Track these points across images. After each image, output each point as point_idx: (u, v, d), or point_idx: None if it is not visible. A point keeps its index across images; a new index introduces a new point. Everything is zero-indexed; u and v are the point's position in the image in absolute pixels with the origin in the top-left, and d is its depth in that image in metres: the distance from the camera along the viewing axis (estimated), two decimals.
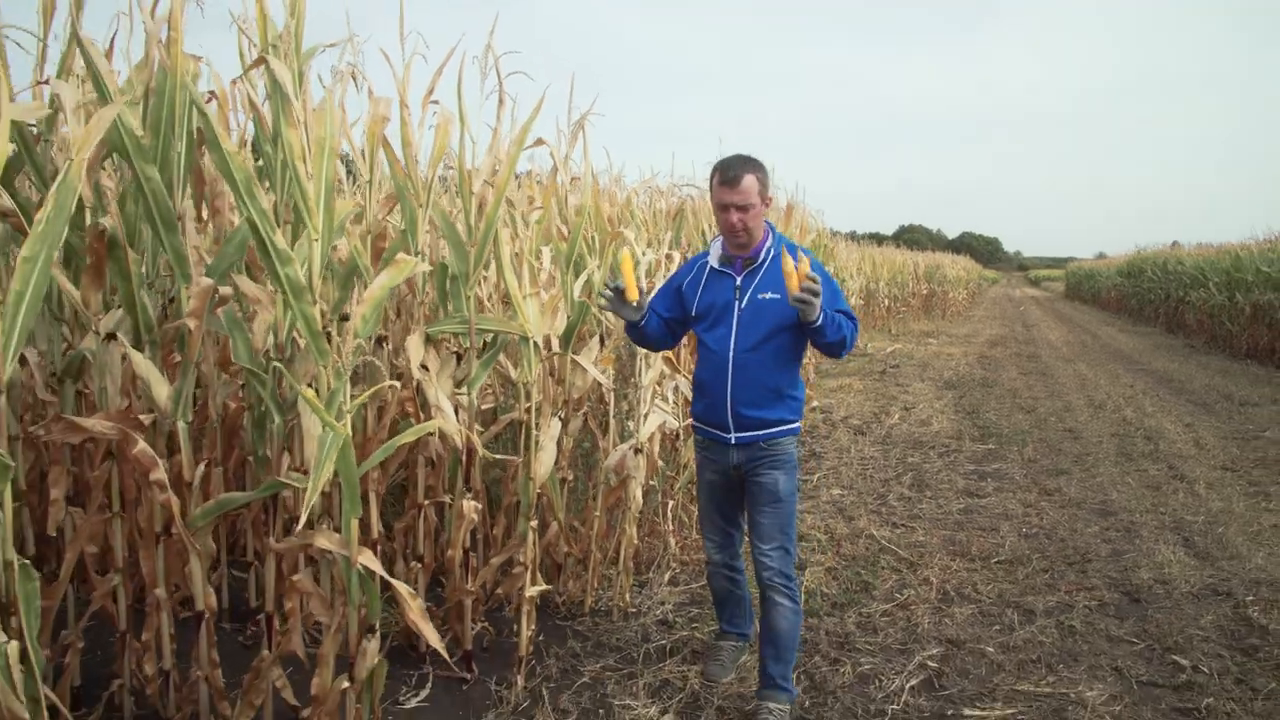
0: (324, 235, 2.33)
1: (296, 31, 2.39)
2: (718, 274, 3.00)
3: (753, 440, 2.92)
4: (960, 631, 3.70)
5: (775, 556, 2.93)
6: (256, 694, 2.62)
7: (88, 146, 1.90)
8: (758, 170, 2.85)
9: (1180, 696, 3.15)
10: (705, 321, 3.00)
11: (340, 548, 2.33)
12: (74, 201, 1.88)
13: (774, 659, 2.94)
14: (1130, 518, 5.33)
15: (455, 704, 3.05)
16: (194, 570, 2.63)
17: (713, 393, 2.95)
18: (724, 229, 2.91)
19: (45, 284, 1.83)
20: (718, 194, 2.87)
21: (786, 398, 2.96)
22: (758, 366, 2.88)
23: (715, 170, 2.88)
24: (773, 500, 2.93)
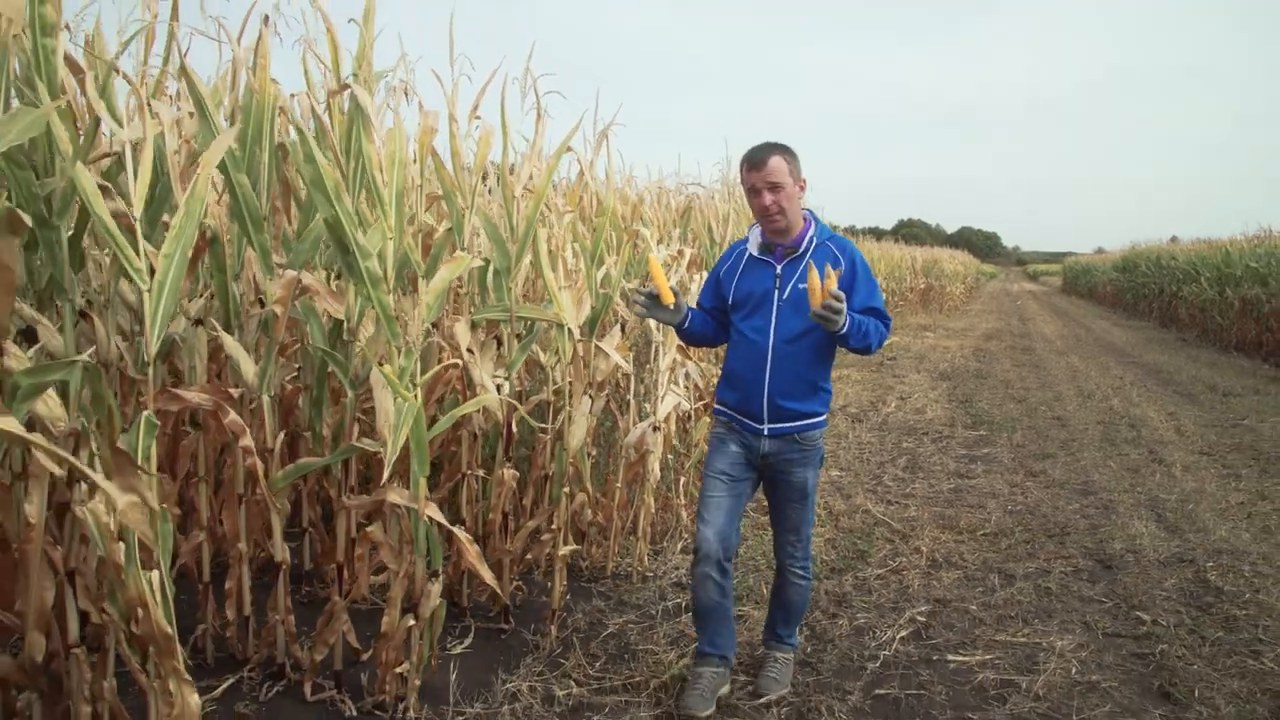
0: (396, 234, 2.71)
1: (368, 58, 2.76)
2: (757, 261, 2.98)
3: (786, 432, 2.92)
4: (947, 592, 4.09)
5: (800, 547, 3.08)
6: (330, 634, 3.01)
7: (210, 165, 2.27)
8: (785, 152, 2.85)
9: (1139, 645, 3.54)
10: (742, 310, 2.97)
11: (410, 502, 2.71)
12: (202, 210, 2.26)
13: (783, 621, 3.19)
14: (1109, 496, 5.72)
15: (496, 650, 3.43)
16: (274, 526, 3.02)
17: (748, 384, 2.92)
18: (758, 213, 2.90)
19: (181, 276, 2.21)
20: (747, 179, 2.88)
21: (821, 390, 2.97)
22: (796, 358, 2.87)
23: (743, 159, 2.90)
24: (801, 496, 3.01)
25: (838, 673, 3.30)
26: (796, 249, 2.92)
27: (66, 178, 2.27)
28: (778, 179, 2.82)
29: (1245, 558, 4.49)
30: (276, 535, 3.02)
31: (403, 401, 2.61)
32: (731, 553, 3.02)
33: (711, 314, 3.11)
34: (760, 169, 2.82)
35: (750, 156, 2.86)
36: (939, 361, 13.16)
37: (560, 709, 3.00)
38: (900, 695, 3.13)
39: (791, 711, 3.00)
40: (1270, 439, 7.52)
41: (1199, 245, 20.93)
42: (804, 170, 2.94)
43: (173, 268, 2.20)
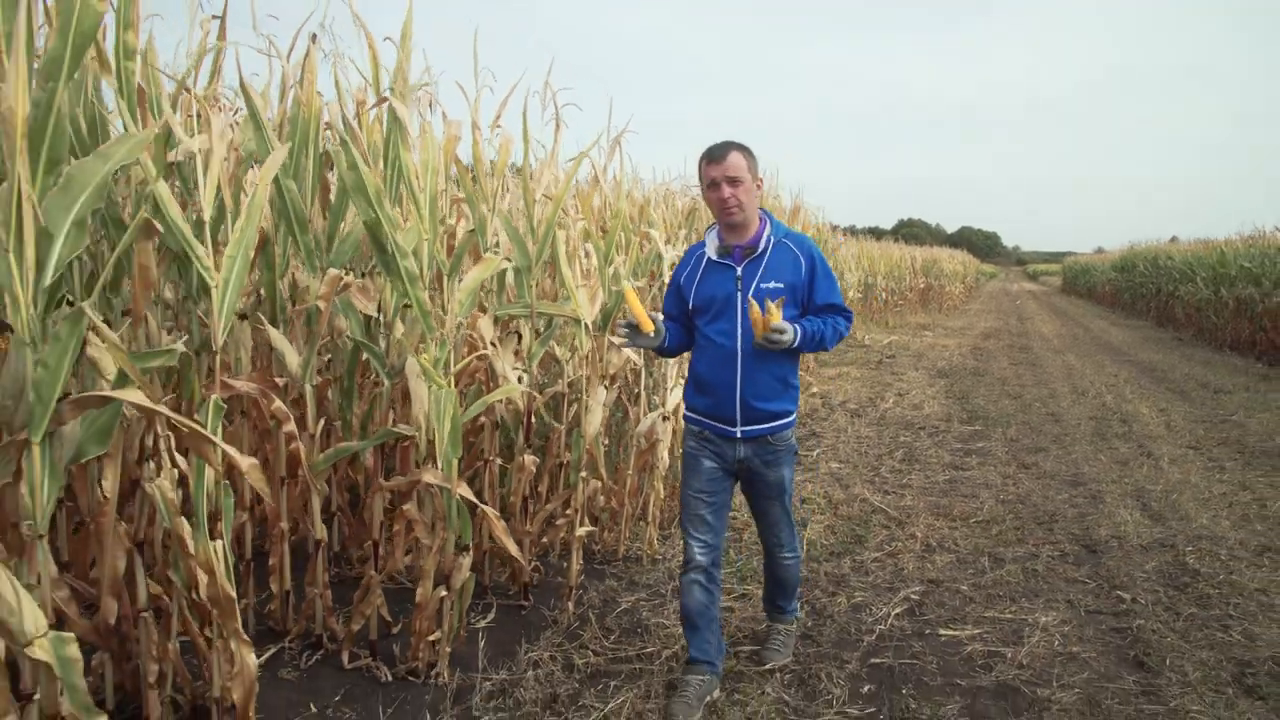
0: (431, 235, 2.95)
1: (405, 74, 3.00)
2: (716, 265, 2.99)
3: (760, 434, 2.95)
4: (939, 574, 4.33)
5: (785, 535, 3.22)
6: (367, 606, 3.25)
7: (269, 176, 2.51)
8: (744, 151, 2.91)
9: (1118, 620, 3.78)
10: (706, 315, 2.98)
11: (443, 482, 2.95)
12: (261, 214, 2.50)
13: (781, 595, 3.36)
14: (1097, 487, 5.96)
15: (517, 625, 3.67)
16: (314, 506, 3.26)
17: (719, 388, 2.94)
18: (716, 206, 2.92)
19: (245, 273, 2.45)
20: (706, 172, 2.91)
21: (791, 387, 3.02)
22: (767, 358, 2.89)
23: (702, 156, 2.93)
24: (779, 493, 3.11)
25: (836, 644, 3.54)
26: (755, 248, 2.94)
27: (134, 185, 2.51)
28: (736, 174, 2.86)
29: (1223, 543, 4.73)
30: (315, 514, 3.26)
31: (437, 389, 2.86)
32: (719, 559, 3.08)
33: (679, 320, 3.13)
34: (720, 163, 2.87)
35: (710, 152, 2.91)
36: (937, 359, 13.39)
37: (579, 676, 3.24)
38: (894, 664, 3.37)
39: (794, 678, 3.25)
40: (1256, 434, 7.76)
41: (1195, 245, 21.17)
42: (802, 174, 3.18)
43: (236, 265, 2.43)
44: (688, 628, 3.08)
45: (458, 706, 2.98)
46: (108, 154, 1.92)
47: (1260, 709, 3.01)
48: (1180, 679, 3.22)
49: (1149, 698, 3.10)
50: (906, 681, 3.24)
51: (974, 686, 3.21)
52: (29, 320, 1.62)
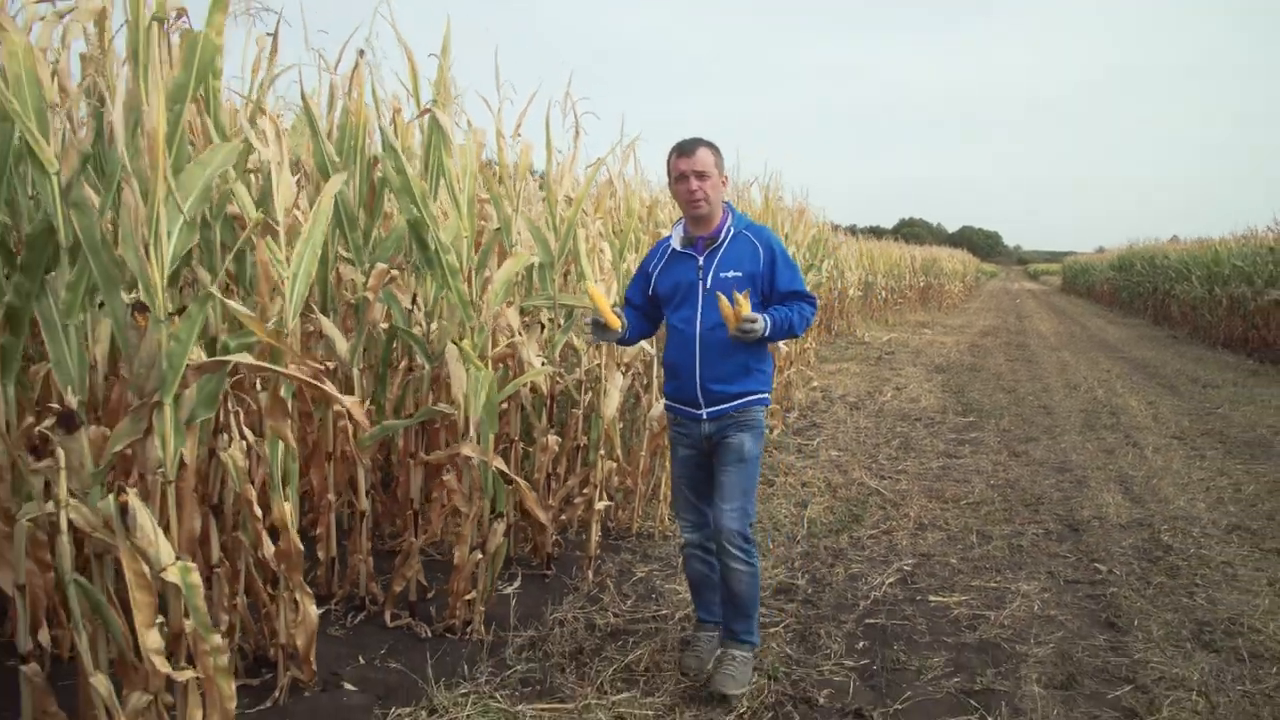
0: (469, 233, 3.28)
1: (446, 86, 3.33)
2: (680, 255, 3.12)
3: (724, 413, 3.05)
4: (931, 549, 4.66)
5: (734, 516, 3.03)
6: (408, 569, 3.58)
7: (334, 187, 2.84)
8: (712, 147, 3.05)
9: (1094, 588, 4.11)
10: (671, 303, 3.12)
11: (480, 454, 3.28)
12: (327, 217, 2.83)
13: (735, 616, 3.15)
14: (1083, 473, 6.29)
15: (541, 591, 4.00)
16: (359, 479, 3.59)
17: (682, 372, 3.08)
18: (684, 199, 3.04)
19: (312, 268, 2.77)
20: (675, 166, 3.03)
21: (755, 371, 3.08)
22: (724, 343, 2.98)
23: (673, 149, 3.06)
24: (737, 460, 3.05)
25: (834, 608, 3.86)
26: (715, 239, 3.08)
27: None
28: (704, 168, 2.99)
29: (1197, 523, 5.06)
30: (360, 487, 3.59)
31: (476, 371, 3.19)
32: (712, 531, 3.14)
33: (640, 310, 3.26)
34: (690, 157, 2.99)
35: (680, 146, 3.04)
36: (935, 356, 13.72)
37: (600, 634, 3.56)
38: (887, 624, 3.70)
39: (795, 635, 3.57)
40: (1239, 425, 8.08)
41: (1190, 245, 21.48)
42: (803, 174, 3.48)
43: (305, 259, 2.77)
44: (693, 593, 3.38)
45: (493, 658, 3.31)
46: (207, 161, 2.24)
47: (1213, 660, 3.33)
48: (1145, 636, 3.55)
49: (1115, 652, 3.43)
50: (898, 639, 3.57)
51: (959, 643, 3.53)
52: (163, 302, 1.95)
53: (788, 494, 5.61)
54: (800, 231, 9.06)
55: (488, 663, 3.27)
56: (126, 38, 2.00)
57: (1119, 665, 3.31)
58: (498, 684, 3.10)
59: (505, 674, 3.18)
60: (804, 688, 3.12)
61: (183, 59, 2.03)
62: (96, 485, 2.10)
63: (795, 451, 6.84)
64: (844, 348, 14.09)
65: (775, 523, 4.99)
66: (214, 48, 2.07)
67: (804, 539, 4.76)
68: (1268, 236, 15.43)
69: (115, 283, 2.06)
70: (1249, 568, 4.31)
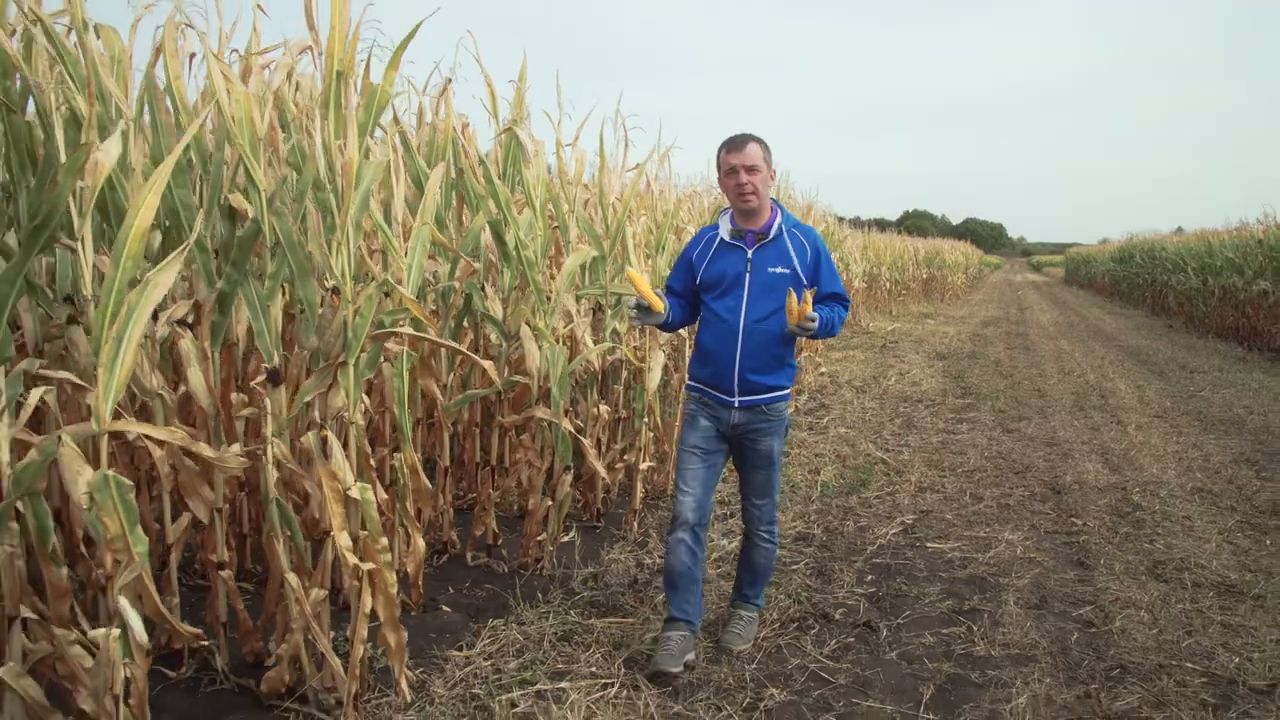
0: (543, 232, 3.93)
1: (524, 107, 3.98)
2: (728, 246, 3.21)
3: (755, 404, 3.17)
4: (929, 507, 5.32)
5: (765, 508, 3.34)
6: (487, 517, 4.25)
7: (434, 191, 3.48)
8: (761, 143, 3.15)
9: (1069, 537, 4.77)
10: (714, 291, 3.20)
11: (552, 416, 3.94)
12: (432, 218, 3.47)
13: (750, 583, 3.45)
14: (1069, 446, 6.94)
15: (593, 539, 4.66)
16: (444, 441, 4.25)
17: (720, 360, 3.16)
18: (733, 193, 3.14)
19: (423, 261, 3.42)
20: (725, 160, 3.13)
21: (787, 365, 3.22)
22: (765, 336, 3.11)
23: (722, 145, 3.17)
24: (768, 464, 3.26)
25: (845, 552, 4.53)
26: (766, 234, 3.18)
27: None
28: (754, 162, 3.09)
29: (1165, 486, 5.71)
30: (445, 446, 4.25)
31: (550, 347, 3.85)
32: (706, 520, 3.30)
33: (683, 296, 3.35)
34: (740, 151, 3.10)
35: (731, 141, 3.15)
36: (937, 344, 14.35)
37: (649, 570, 4.22)
38: (890, 563, 4.36)
39: (813, 571, 4.24)
40: (1218, 405, 8.73)
41: (1186, 237, 22.06)
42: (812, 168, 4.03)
43: (418, 252, 3.41)
44: (669, 588, 3.27)
45: (562, 588, 3.97)
46: (362, 177, 2.89)
47: (1163, 588, 3.99)
48: (1108, 572, 4.21)
49: (1082, 583, 4.09)
50: (900, 574, 4.23)
51: (951, 577, 4.19)
52: (350, 290, 2.61)
53: (802, 464, 6.27)
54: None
55: (559, 590, 3.93)
56: (321, 88, 2.66)
57: (1084, 592, 3.97)
58: (569, 605, 3.77)
59: (574, 599, 3.85)
60: (822, 607, 3.79)
61: (364, 104, 2.68)
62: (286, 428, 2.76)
63: (807, 429, 7.50)
64: (849, 336, 14.72)
65: (792, 486, 5.65)
66: (387, 96, 2.72)
67: (818, 499, 5.42)
68: (1258, 230, 16.01)
69: (307, 273, 2.71)
70: (1204, 521, 4.97)
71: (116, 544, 1.99)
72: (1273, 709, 2.95)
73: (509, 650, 3.33)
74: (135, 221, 1.93)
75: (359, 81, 2.78)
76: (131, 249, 1.93)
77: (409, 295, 2.78)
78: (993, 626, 3.61)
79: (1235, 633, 3.52)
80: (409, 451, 3.29)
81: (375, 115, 2.72)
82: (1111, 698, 3.02)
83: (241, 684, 3.01)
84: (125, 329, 1.99)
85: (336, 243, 2.58)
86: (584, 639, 3.43)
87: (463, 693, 3.01)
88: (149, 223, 1.96)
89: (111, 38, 2.78)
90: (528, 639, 3.41)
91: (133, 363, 2.03)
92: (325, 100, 2.59)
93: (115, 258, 1.94)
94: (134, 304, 1.99)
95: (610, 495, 5.38)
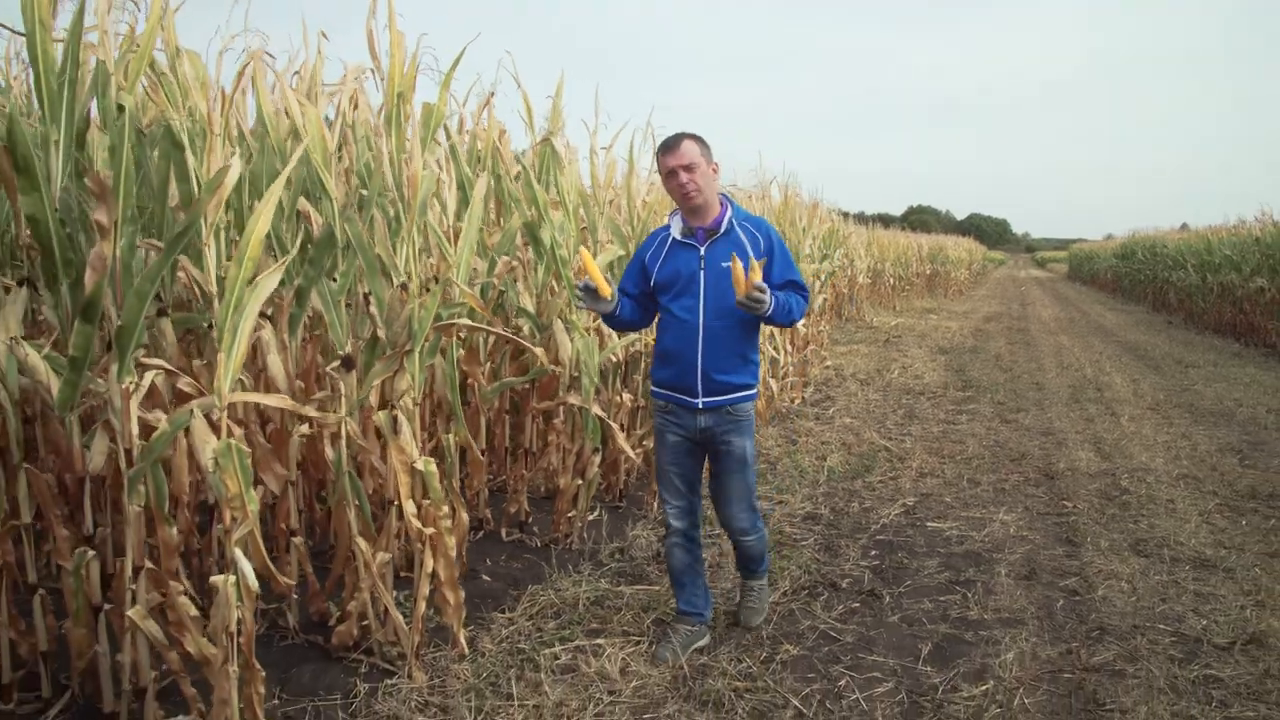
0: (575, 233, 4.28)
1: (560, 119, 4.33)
2: (681, 245, 3.15)
3: (719, 405, 3.12)
4: (929, 490, 5.67)
5: (745, 518, 3.30)
6: (520, 496, 4.60)
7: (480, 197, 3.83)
8: (696, 139, 3.09)
9: (1059, 518, 5.11)
10: (670, 291, 3.14)
11: (583, 402, 4.29)
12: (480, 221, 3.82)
13: (749, 564, 3.53)
14: (1063, 436, 7.28)
15: (616, 517, 5.01)
16: (483, 423, 4.61)
17: (681, 360, 3.11)
18: (677, 194, 3.09)
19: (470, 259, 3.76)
20: (663, 164, 3.07)
21: (750, 362, 3.17)
22: (726, 333, 3.07)
23: (658, 149, 3.14)
24: (740, 466, 3.21)
25: (851, 530, 4.88)
26: (717, 230, 3.11)
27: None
28: (690, 160, 3.02)
29: (1152, 472, 6.05)
30: (482, 430, 4.61)
31: (581, 337, 4.20)
32: (698, 519, 3.35)
33: (637, 299, 3.28)
34: (674, 152, 3.04)
35: (664, 144, 3.10)
36: (939, 339, 14.69)
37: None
38: (893, 540, 4.71)
39: (820, 547, 4.59)
40: (1210, 398, 9.06)
41: (1186, 235, 22.35)
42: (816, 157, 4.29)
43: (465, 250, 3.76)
44: (675, 585, 3.39)
45: (591, 560, 4.33)
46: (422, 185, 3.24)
47: (1144, 562, 4.34)
48: (1094, 548, 4.56)
49: (1069, 558, 4.44)
50: (901, 549, 4.58)
51: (949, 552, 4.54)
52: (418, 286, 2.96)
53: (809, 450, 6.62)
54: (815, 225, 10.03)
55: (588, 562, 4.29)
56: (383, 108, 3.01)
57: (1070, 565, 4.32)
58: (599, 575, 4.12)
59: (603, 569, 4.20)
60: (830, 577, 4.14)
61: (422, 121, 3.03)
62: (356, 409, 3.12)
63: (813, 419, 7.85)
64: (854, 331, 15.06)
65: (800, 471, 6.01)
66: (441, 115, 3.07)
67: (825, 482, 5.77)
68: (1255, 228, 16.31)
69: (375, 270, 3.06)
70: (1186, 504, 5.31)
71: (235, 502, 2.34)
72: (1231, 661, 3.30)
73: (547, 612, 3.68)
74: (255, 229, 2.28)
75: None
76: (253, 252, 2.28)
77: (469, 292, 3.12)
78: (985, 594, 3.96)
79: (1205, 600, 3.87)
80: (460, 430, 3.64)
81: (432, 131, 3.07)
82: (1090, 654, 3.36)
83: (310, 639, 3.38)
84: (240, 320, 2.34)
85: (402, 244, 2.93)
86: (615, 603, 3.79)
87: (509, 647, 3.36)
88: (266, 230, 2.30)
89: (196, 62, 3.13)
90: (564, 603, 3.77)
91: (246, 348, 2.38)
92: (389, 119, 2.94)
93: (238, 259, 2.28)
94: (247, 300, 2.34)
95: (630, 478, 5.75)
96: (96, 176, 2.32)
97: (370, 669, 3.17)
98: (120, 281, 2.45)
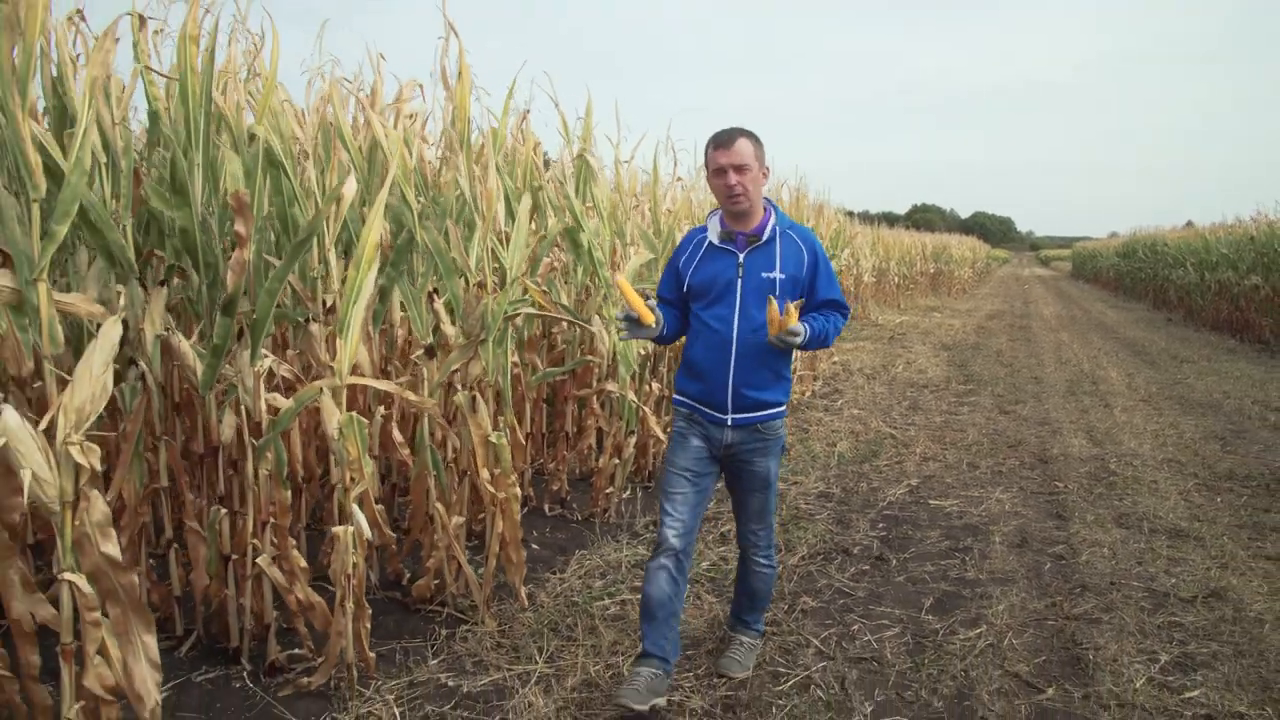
0: (609, 236, 4.76)
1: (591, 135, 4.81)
2: (718, 250, 2.92)
3: (750, 423, 2.91)
4: (931, 473, 6.15)
5: (763, 535, 3.11)
6: (562, 474, 5.09)
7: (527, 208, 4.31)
8: (752, 137, 2.85)
9: (1051, 497, 5.59)
10: (704, 299, 2.92)
11: (619, 389, 4.78)
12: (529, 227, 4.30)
13: (749, 608, 3.24)
14: (1059, 425, 7.75)
15: (645, 497, 5.50)
16: (527, 410, 5.09)
17: (713, 374, 2.88)
18: (723, 194, 2.85)
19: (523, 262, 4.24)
20: (713, 159, 2.85)
21: (783, 379, 2.96)
22: (760, 347, 2.83)
23: (710, 140, 2.89)
24: (764, 486, 3.01)
25: (860, 506, 5.36)
26: (759, 237, 2.89)
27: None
28: (744, 160, 2.80)
29: (1139, 457, 6.53)
30: (527, 416, 5.10)
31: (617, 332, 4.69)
32: (691, 547, 2.98)
33: (674, 306, 3.05)
34: (728, 149, 2.81)
35: (718, 137, 2.86)
36: (943, 336, 15.15)
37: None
38: (898, 514, 5.19)
39: (833, 520, 5.07)
40: (1200, 391, 9.52)
41: (1186, 233, 22.77)
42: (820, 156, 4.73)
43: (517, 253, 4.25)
44: (645, 618, 2.92)
45: (627, 531, 4.81)
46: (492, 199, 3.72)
47: (1124, 533, 4.82)
48: (1081, 522, 5.03)
49: (1057, 530, 4.91)
50: (906, 523, 5.06)
51: (949, 525, 5.03)
52: (492, 284, 3.45)
53: (820, 438, 7.10)
54: (822, 225, 10.51)
55: (625, 534, 4.78)
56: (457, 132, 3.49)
57: (1059, 536, 4.80)
58: (637, 543, 4.61)
59: (639, 539, 4.69)
60: (842, 545, 4.62)
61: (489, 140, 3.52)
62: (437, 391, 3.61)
63: (823, 410, 8.33)
64: (859, 329, 15.52)
65: (813, 455, 6.49)
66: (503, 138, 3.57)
67: (835, 466, 6.26)
68: (1250, 227, 16.74)
69: (451, 271, 3.55)
70: (1168, 484, 5.78)
71: (354, 465, 2.83)
72: (1193, 610, 3.78)
73: (594, 573, 4.17)
74: (369, 236, 2.77)
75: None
76: (368, 255, 2.76)
77: (536, 289, 3.61)
78: (981, 559, 4.44)
79: (1176, 563, 4.35)
80: (510, 414, 4.13)
81: (498, 152, 3.56)
82: (1072, 605, 3.84)
83: (388, 595, 3.87)
84: (357, 313, 2.82)
85: (475, 248, 3.42)
86: None
87: (564, 601, 3.85)
88: (379, 237, 2.79)
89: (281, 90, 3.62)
90: (608, 565, 4.26)
91: (360, 336, 2.87)
92: (462, 141, 3.43)
93: (355, 262, 2.77)
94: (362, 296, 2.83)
95: (658, 461, 6.23)
96: (238, 195, 2.80)
97: (446, 618, 3.65)
98: (254, 282, 2.94)
